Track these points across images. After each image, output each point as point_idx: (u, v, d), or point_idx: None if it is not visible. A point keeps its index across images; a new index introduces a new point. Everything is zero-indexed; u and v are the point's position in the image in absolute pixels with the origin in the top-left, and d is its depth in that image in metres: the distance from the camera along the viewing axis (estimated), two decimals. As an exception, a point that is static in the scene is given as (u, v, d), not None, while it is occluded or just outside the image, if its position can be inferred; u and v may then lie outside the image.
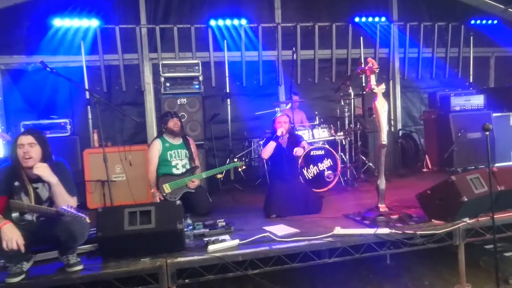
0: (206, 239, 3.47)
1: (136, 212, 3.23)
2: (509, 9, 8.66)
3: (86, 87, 6.68)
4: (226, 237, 3.57)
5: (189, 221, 3.79)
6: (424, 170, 6.90)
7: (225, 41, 7.35)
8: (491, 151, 6.24)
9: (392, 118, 8.22)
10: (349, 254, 3.48)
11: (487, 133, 3.11)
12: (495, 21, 8.53)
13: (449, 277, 4.10)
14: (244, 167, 5.15)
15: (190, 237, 3.59)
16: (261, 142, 6.03)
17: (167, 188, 4.63)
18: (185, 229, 3.50)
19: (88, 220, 2.91)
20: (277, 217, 4.31)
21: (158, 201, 4.56)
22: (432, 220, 3.78)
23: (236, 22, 7.33)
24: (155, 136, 5.24)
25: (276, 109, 6.44)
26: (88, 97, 6.77)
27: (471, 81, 8.42)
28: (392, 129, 7.91)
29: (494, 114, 6.58)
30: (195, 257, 3.17)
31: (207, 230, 3.75)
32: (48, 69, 3.85)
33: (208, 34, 7.31)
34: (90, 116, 6.81)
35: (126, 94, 7.24)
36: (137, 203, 5.11)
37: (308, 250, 3.38)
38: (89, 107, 6.82)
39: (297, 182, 4.93)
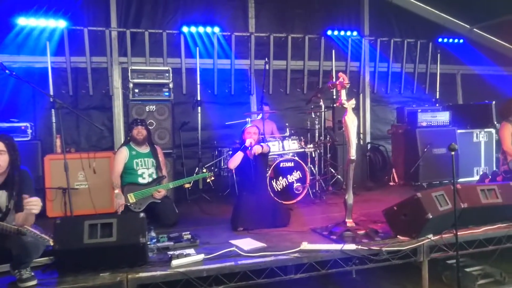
0: (170, 253, 3.36)
1: (97, 224, 3.09)
2: (474, 29, 9.00)
3: (51, 89, 6.44)
4: (191, 251, 3.47)
5: (153, 233, 3.66)
6: (391, 183, 7.02)
7: (197, 48, 7.26)
8: (456, 167, 6.45)
9: (361, 131, 8.33)
10: (315, 270, 3.45)
11: (453, 153, 3.15)
12: (461, 40, 8.84)
13: (413, 292, 4.15)
14: (212, 178, 5.06)
15: (153, 251, 3.47)
16: (230, 153, 5.97)
17: (131, 198, 4.48)
18: (149, 242, 3.38)
19: (51, 243, 2.76)
20: (244, 230, 4.24)
21: (121, 203, 4.43)
22: (398, 236, 3.81)
23: (209, 29, 7.27)
24: (122, 142, 5.09)
25: (247, 119, 6.39)
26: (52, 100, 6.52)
27: (437, 97, 8.67)
28: (361, 142, 8.02)
29: (459, 131, 6.78)
30: (158, 272, 3.06)
31: (172, 243, 3.64)
32: (7, 71, 3.65)
33: (180, 40, 7.21)
34: (54, 120, 6.55)
35: (93, 98, 7.02)
36: (98, 212, 4.95)
37: (274, 265, 3.32)
38: (53, 110, 6.55)
39: (266, 194, 4.88)
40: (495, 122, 7.03)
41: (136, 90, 5.69)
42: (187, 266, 3.16)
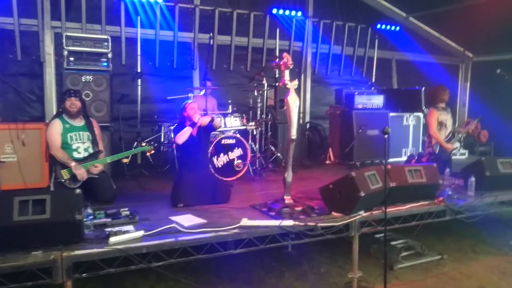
0: (108, 229, 3.28)
1: (28, 201, 2.93)
2: (410, 18, 9.45)
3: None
4: (130, 227, 3.41)
5: (89, 210, 3.54)
6: (327, 162, 7.32)
7: (138, 17, 6.96)
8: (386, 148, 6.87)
9: (301, 111, 8.54)
10: (254, 245, 3.55)
11: (386, 136, 3.35)
12: (398, 28, 9.26)
13: (343, 265, 4.43)
14: (152, 151, 4.97)
15: (90, 228, 3.36)
16: (172, 128, 5.87)
17: (65, 174, 4.28)
18: (85, 219, 3.28)
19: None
20: (185, 206, 4.23)
21: (83, 172, 4.29)
22: (332, 212, 4.01)
23: (153, -3, 6.98)
24: (54, 113, 4.80)
25: (190, 94, 6.29)
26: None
27: (373, 81, 9.07)
28: (301, 122, 8.23)
29: (391, 114, 7.18)
30: (95, 250, 2.98)
31: (109, 220, 3.55)
32: None
33: (120, 7, 6.85)
34: (-22, 87, 6.02)
35: (21, 63, 6.50)
36: (28, 187, 4.69)
37: (214, 241, 3.37)
38: (-24, 76, 6.01)
39: (206, 171, 4.89)
40: (424, 107, 7.53)
41: (71, 59, 5.34)
42: (126, 243, 3.11)
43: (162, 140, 6.34)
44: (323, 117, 8.41)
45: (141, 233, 3.26)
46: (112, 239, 3.10)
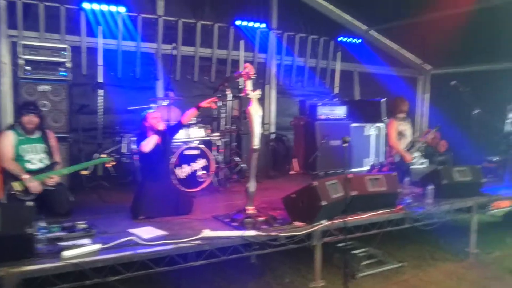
0: (62, 243, 3.17)
1: (-25, 214, 2.79)
2: (370, 31, 9.76)
3: None
4: (86, 241, 3.31)
5: (43, 223, 3.39)
6: (292, 172, 7.37)
7: (100, 27, 6.83)
8: (348, 158, 6.99)
9: (266, 122, 8.58)
10: (216, 257, 3.52)
11: (345, 144, 3.42)
12: (359, 40, 9.53)
13: (306, 274, 4.44)
14: (113, 163, 4.85)
15: (43, 242, 3.22)
16: (134, 139, 5.76)
17: (17, 185, 4.09)
18: (37, 233, 3.14)
19: None
20: (146, 218, 4.14)
21: (37, 185, 4.09)
22: (295, 222, 4.03)
23: (113, 8, 6.86)
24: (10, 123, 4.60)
25: (152, 105, 6.20)
26: None
27: (336, 92, 9.25)
28: (266, 132, 8.27)
29: (353, 124, 7.34)
30: (47, 265, 2.86)
31: (65, 233, 3.42)
32: None
33: (80, 17, 6.71)
34: None
35: (-25, 72, 6.24)
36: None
37: (174, 253, 3.32)
38: None
39: (168, 182, 4.81)
40: (384, 118, 7.75)
41: (28, 68, 5.18)
42: (81, 257, 3.00)
43: (123, 151, 6.20)
44: (288, 128, 8.49)
45: (97, 246, 3.15)
46: (66, 253, 2.98)
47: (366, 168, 7.39)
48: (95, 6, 6.72)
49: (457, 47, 8.54)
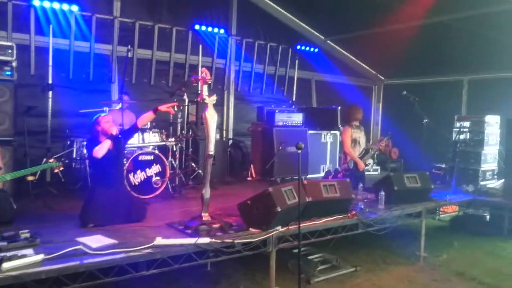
0: (2, 254, 2.95)
1: None
2: (327, 41, 9.98)
3: None
4: (29, 251, 3.10)
5: (-19, 233, 3.18)
6: (249, 178, 7.35)
7: (50, 25, 6.54)
8: (305, 164, 7.08)
9: (224, 128, 8.54)
10: (169, 265, 3.42)
11: (299, 151, 3.44)
12: (316, 50, 9.72)
13: (261, 281, 4.42)
14: (61, 168, 4.61)
15: (-20, 253, 3.01)
16: (85, 143, 5.54)
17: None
18: (-27, 244, 2.92)
19: None
20: (95, 226, 3.96)
21: None
22: (250, 228, 4.00)
23: (66, 7, 6.61)
24: None
25: (105, 108, 6.00)
26: None
27: (294, 99, 9.37)
28: (223, 138, 8.22)
29: (310, 132, 7.44)
30: (-17, 278, 2.66)
31: (5, 243, 3.20)
32: None
33: (30, 14, 6.40)
34: None
35: None
36: None
37: (124, 263, 3.18)
38: None
39: (120, 188, 4.62)
40: (339, 126, 7.92)
41: (-32, 66, 4.86)
42: (22, 268, 2.81)
43: (74, 156, 5.94)
44: (246, 134, 8.49)
45: (40, 257, 2.97)
46: (5, 265, 2.78)
47: (322, 174, 7.51)
48: (46, 4, 6.45)
49: (409, 59, 8.92)
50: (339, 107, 8.15)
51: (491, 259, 5.57)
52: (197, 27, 7.97)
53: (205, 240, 3.59)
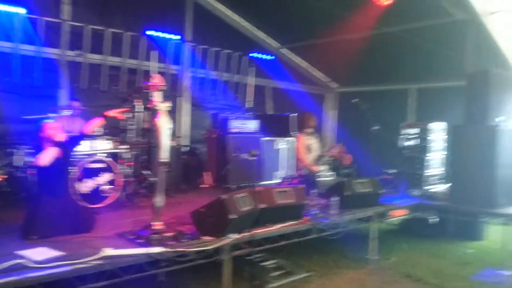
0: None
1: None
2: (282, 49, 10.14)
3: None
4: (-37, 267, 2.91)
5: None
6: (204, 186, 7.28)
7: (-6, 27, 6.22)
8: (260, 171, 7.11)
9: (180, 135, 8.43)
10: (119, 277, 3.32)
11: (252, 158, 3.45)
12: (271, 57, 9.85)
13: (216, 290, 4.37)
14: (4, 176, 4.37)
15: None
16: (29, 151, 5.28)
17: None
18: None
19: None
20: (40, 238, 3.77)
21: None
22: (204, 236, 3.96)
23: (11, 9, 6.30)
24: None
25: (51, 114, 5.74)
26: None
27: (249, 106, 9.41)
28: (178, 145, 8.10)
29: (264, 138, 7.50)
30: None
31: None
32: None
33: (-31, 15, 6.06)
34: None
35: None
36: None
37: (71, 275, 3.05)
38: None
39: (67, 197, 4.45)
40: (293, 132, 8.03)
41: None
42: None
43: (17, 164, 5.63)
44: (202, 141, 8.41)
45: (-24, 273, 2.79)
46: None
47: (277, 181, 7.57)
48: (-11, 6, 6.12)
49: (360, 68, 9.24)
50: (293, 114, 8.27)
51: (436, 260, 5.83)
52: (151, 32, 7.84)
53: (157, 249, 3.52)
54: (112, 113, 4.45)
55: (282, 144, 7.98)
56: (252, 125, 7.35)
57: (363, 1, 6.78)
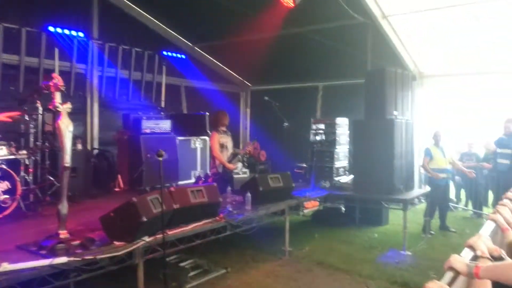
0: None
1: None
2: (195, 48, 10.08)
3: None
4: None
5: None
6: (116, 189, 7.00)
7: None
8: (175, 171, 7.03)
9: (88, 137, 8.00)
10: (19, 293, 3.07)
11: (160, 158, 3.41)
12: (184, 56, 9.74)
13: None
14: None
15: None
16: None
17: None
18: None
19: None
20: None
21: None
22: (114, 242, 3.82)
23: None
24: None
25: None
26: None
27: (162, 106, 9.22)
28: (87, 148, 7.68)
29: (179, 138, 7.41)
30: None
31: None
32: None
33: None
34: None
35: None
36: None
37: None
38: None
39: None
40: (208, 131, 8.05)
41: None
42: None
43: None
44: (113, 143, 8.06)
45: None
46: None
47: (193, 180, 7.53)
48: None
49: (271, 67, 9.54)
50: (208, 113, 8.28)
51: (345, 246, 6.25)
52: (51, 28, 7.30)
53: (62, 259, 3.32)
54: (2, 117, 4.09)
55: (198, 143, 7.96)
56: (165, 125, 7.22)
57: (271, 2, 6.97)
